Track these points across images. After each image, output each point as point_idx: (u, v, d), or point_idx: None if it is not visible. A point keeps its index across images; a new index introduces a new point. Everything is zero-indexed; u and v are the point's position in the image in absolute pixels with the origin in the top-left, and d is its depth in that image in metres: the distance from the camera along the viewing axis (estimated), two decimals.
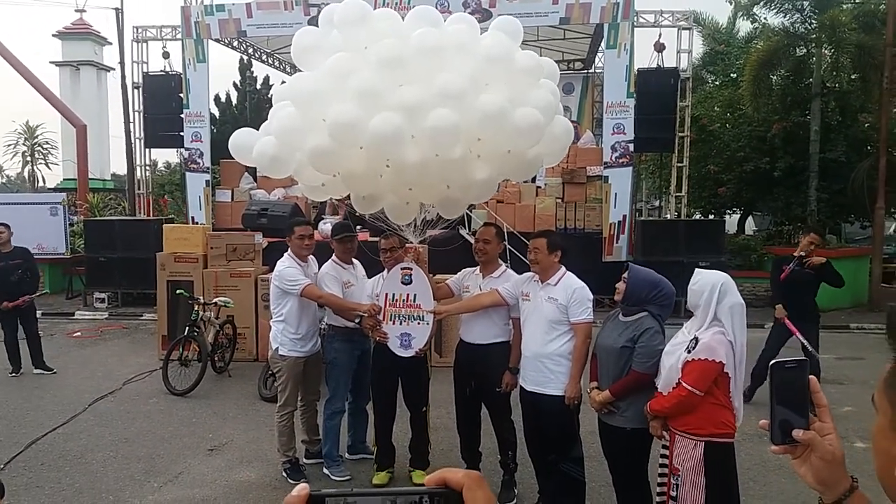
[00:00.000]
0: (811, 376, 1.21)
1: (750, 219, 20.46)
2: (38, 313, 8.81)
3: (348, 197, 5.40)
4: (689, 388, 3.39)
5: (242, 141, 4.47)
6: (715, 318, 3.45)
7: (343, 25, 4.00)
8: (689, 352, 3.44)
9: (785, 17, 15.50)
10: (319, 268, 5.45)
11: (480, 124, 3.83)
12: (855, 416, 6.45)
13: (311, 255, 5.44)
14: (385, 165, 3.94)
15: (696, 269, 3.67)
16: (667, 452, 3.63)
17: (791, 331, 6.93)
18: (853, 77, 15.96)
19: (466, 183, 4.28)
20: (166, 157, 36.34)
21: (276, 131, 4.12)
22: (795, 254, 7.15)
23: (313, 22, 4.72)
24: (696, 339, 3.44)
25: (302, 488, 0.71)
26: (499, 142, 3.97)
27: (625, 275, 3.95)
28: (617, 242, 12.44)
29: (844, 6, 15.69)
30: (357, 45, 3.93)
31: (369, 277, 5.42)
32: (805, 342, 6.81)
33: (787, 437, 1.18)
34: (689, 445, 3.46)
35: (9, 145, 44.45)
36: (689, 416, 3.46)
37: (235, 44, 16.07)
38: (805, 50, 15.47)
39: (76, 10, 28.08)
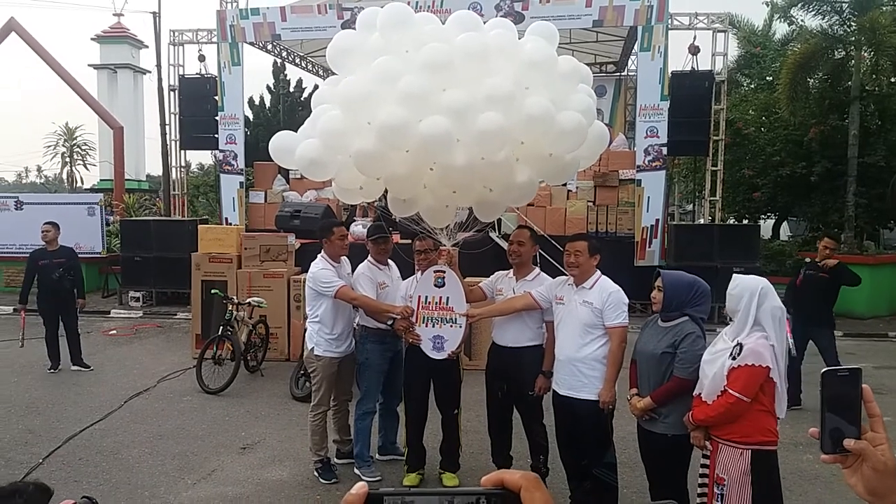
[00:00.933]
0: (865, 385, 1.19)
1: (785, 224, 20.13)
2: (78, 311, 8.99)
3: (379, 199, 5.43)
4: (737, 395, 3.33)
5: (283, 143, 4.49)
6: (756, 323, 3.39)
7: (386, 28, 4.03)
8: (733, 358, 3.38)
9: (823, 18, 15.19)
10: (352, 268, 5.49)
11: (526, 127, 3.84)
12: (894, 426, 6.30)
13: (345, 257, 5.48)
14: (429, 168, 3.95)
15: (735, 275, 3.62)
16: (708, 462, 3.57)
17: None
18: (893, 80, 15.61)
19: (507, 186, 4.29)
20: (200, 158, 36.86)
21: (320, 134, 4.10)
22: (816, 259, 7.18)
23: (346, 25, 4.78)
24: (741, 345, 3.38)
25: (361, 486, 0.71)
26: (541, 145, 3.99)
27: (658, 283, 3.91)
28: (649, 247, 12.32)
29: (885, 8, 15.35)
30: (399, 49, 3.94)
31: (403, 279, 5.44)
32: (791, 345, 6.76)
33: (837, 446, 1.16)
34: (735, 454, 3.40)
35: (49, 146, 45.54)
36: (735, 424, 3.40)
37: (270, 47, 16.25)
38: (844, 53, 15.17)
39: (114, 14, 28.80)
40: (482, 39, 3.95)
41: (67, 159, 45.01)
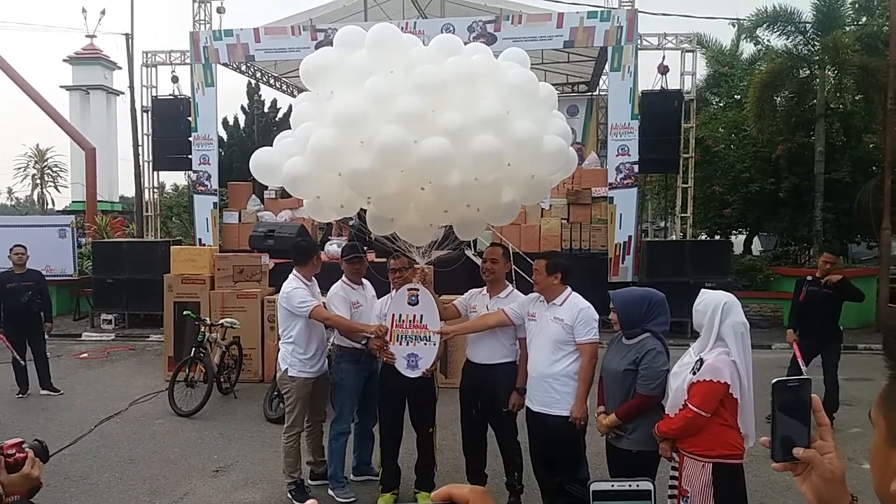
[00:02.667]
0: (814, 395, 1.22)
1: (756, 239, 20.43)
2: (45, 335, 8.85)
3: (353, 219, 5.45)
4: (696, 409, 3.39)
5: (264, 160, 4.46)
6: (719, 339, 3.45)
7: (374, 48, 4.07)
8: (694, 373, 3.44)
9: (788, 39, 15.60)
10: (321, 287, 5.48)
11: (516, 150, 3.94)
12: (863, 437, 6.39)
13: (313, 277, 5.47)
14: (421, 188, 4.00)
15: (702, 290, 3.68)
16: (676, 474, 3.61)
17: (796, 356, 6.92)
18: (857, 98, 16.00)
19: (493, 206, 4.40)
20: (174, 179, 36.56)
21: (311, 151, 4.06)
22: (816, 275, 7.16)
23: (320, 46, 4.80)
24: (702, 361, 3.44)
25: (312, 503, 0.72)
26: (526, 167, 4.11)
27: (611, 304, 3.97)
28: (623, 263, 12.45)
29: (847, 28, 15.79)
30: (384, 69, 3.98)
31: (378, 298, 5.44)
32: (801, 364, 6.79)
33: (787, 454, 1.19)
34: (697, 467, 3.45)
35: (19, 168, 44.91)
36: (697, 437, 3.45)
37: (243, 68, 16.27)
38: (808, 71, 15.55)
39: (87, 36, 28.51)
40: (470, 63, 4.06)
41: (38, 181, 44.40)
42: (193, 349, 8.04)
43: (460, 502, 0.73)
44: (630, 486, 0.98)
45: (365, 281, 5.57)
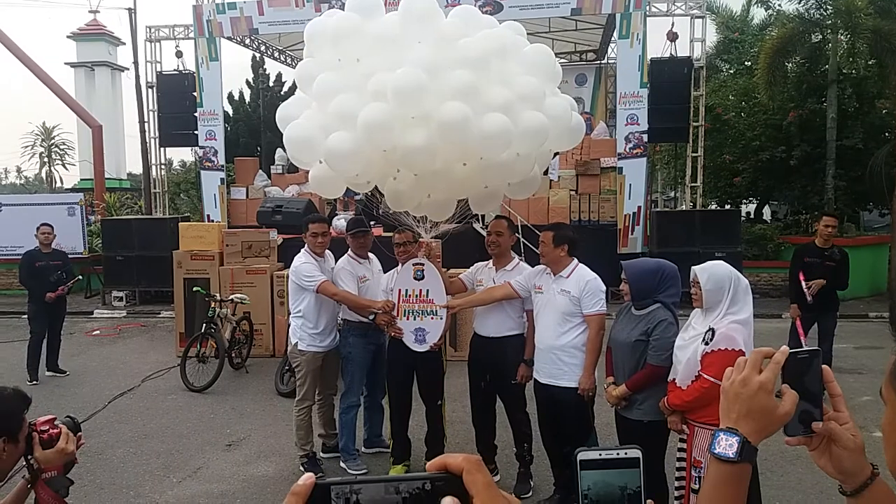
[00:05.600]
0: (824, 366, 1.20)
1: (767, 208, 20.29)
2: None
3: (356, 193, 5.39)
4: (713, 379, 3.36)
5: (301, 135, 4.18)
6: (732, 305, 3.43)
7: (408, 16, 4.02)
8: (706, 343, 3.42)
9: (799, 3, 15.28)
10: (335, 262, 5.48)
11: (553, 125, 4.12)
12: (873, 405, 6.38)
13: (328, 251, 5.48)
14: (463, 164, 4.00)
15: (697, 270, 3.57)
16: (685, 446, 3.61)
17: (798, 332, 6.89)
18: (870, 63, 15.72)
19: (526, 180, 4.52)
20: (182, 155, 36.63)
21: (363, 126, 3.85)
22: (817, 243, 7.08)
23: None
24: (713, 330, 3.41)
25: (308, 477, 0.72)
26: (555, 142, 4.38)
27: (623, 275, 3.94)
28: (632, 234, 12.39)
29: None
30: (411, 38, 3.94)
31: (385, 272, 5.44)
32: (804, 342, 6.77)
33: (802, 428, 1.17)
34: (709, 436, 3.44)
35: (26, 147, 45.02)
36: (710, 406, 3.43)
37: (248, 41, 16.14)
38: (820, 36, 15.27)
39: (90, 12, 28.44)
40: (502, 37, 4.11)
41: (46, 159, 44.52)
42: (204, 325, 8.09)
43: (455, 471, 0.73)
44: (618, 454, 0.98)
45: (371, 255, 5.57)
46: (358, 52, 4.02)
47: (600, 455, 0.98)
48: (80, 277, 8.57)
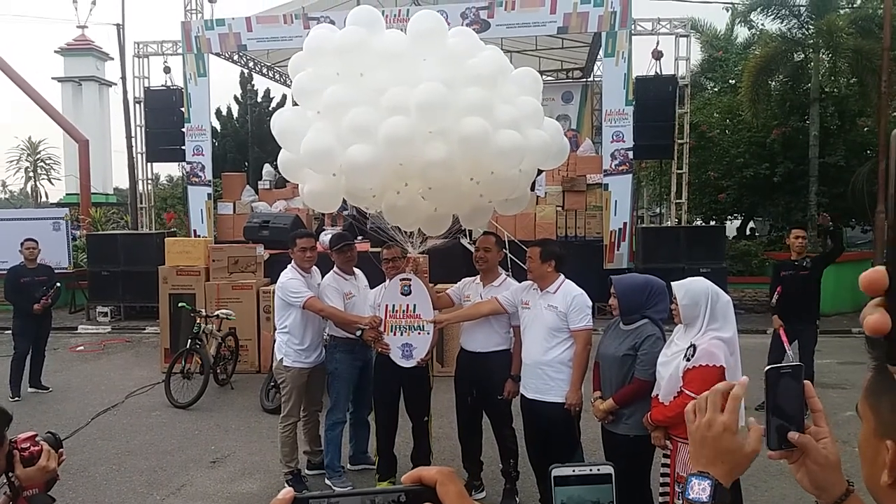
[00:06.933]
0: (806, 381, 1.22)
1: (751, 224, 20.47)
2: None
3: (345, 208, 5.40)
4: (694, 395, 3.39)
5: (319, 147, 4.06)
6: (711, 321, 3.45)
7: (416, 37, 4.10)
8: (687, 359, 3.44)
9: (782, 22, 15.57)
10: (322, 278, 5.47)
11: (551, 142, 4.35)
12: (856, 420, 6.34)
13: (315, 267, 5.47)
14: (470, 179, 4.08)
15: (675, 286, 3.61)
16: (668, 461, 3.62)
17: (781, 337, 6.97)
18: (851, 81, 16.00)
19: (522, 195, 4.68)
20: (169, 170, 36.46)
21: (385, 141, 3.85)
22: (791, 256, 7.20)
23: None
24: (694, 347, 3.44)
25: (287, 491, 0.73)
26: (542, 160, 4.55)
27: (612, 290, 3.98)
28: (618, 250, 12.45)
29: (841, 11, 15.75)
30: (416, 55, 4.04)
31: (372, 287, 5.44)
32: (790, 355, 6.83)
33: (783, 442, 1.19)
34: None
35: (11, 161, 44.74)
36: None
37: (236, 58, 16.16)
38: (803, 55, 15.53)
39: (78, 27, 28.36)
40: (499, 58, 4.30)
41: (31, 174, 44.25)
42: (189, 341, 8.05)
43: (429, 483, 0.75)
44: (591, 470, 1.00)
45: (357, 270, 5.56)
46: (362, 66, 4.02)
47: (574, 471, 1.00)
48: (59, 284, 8.44)
